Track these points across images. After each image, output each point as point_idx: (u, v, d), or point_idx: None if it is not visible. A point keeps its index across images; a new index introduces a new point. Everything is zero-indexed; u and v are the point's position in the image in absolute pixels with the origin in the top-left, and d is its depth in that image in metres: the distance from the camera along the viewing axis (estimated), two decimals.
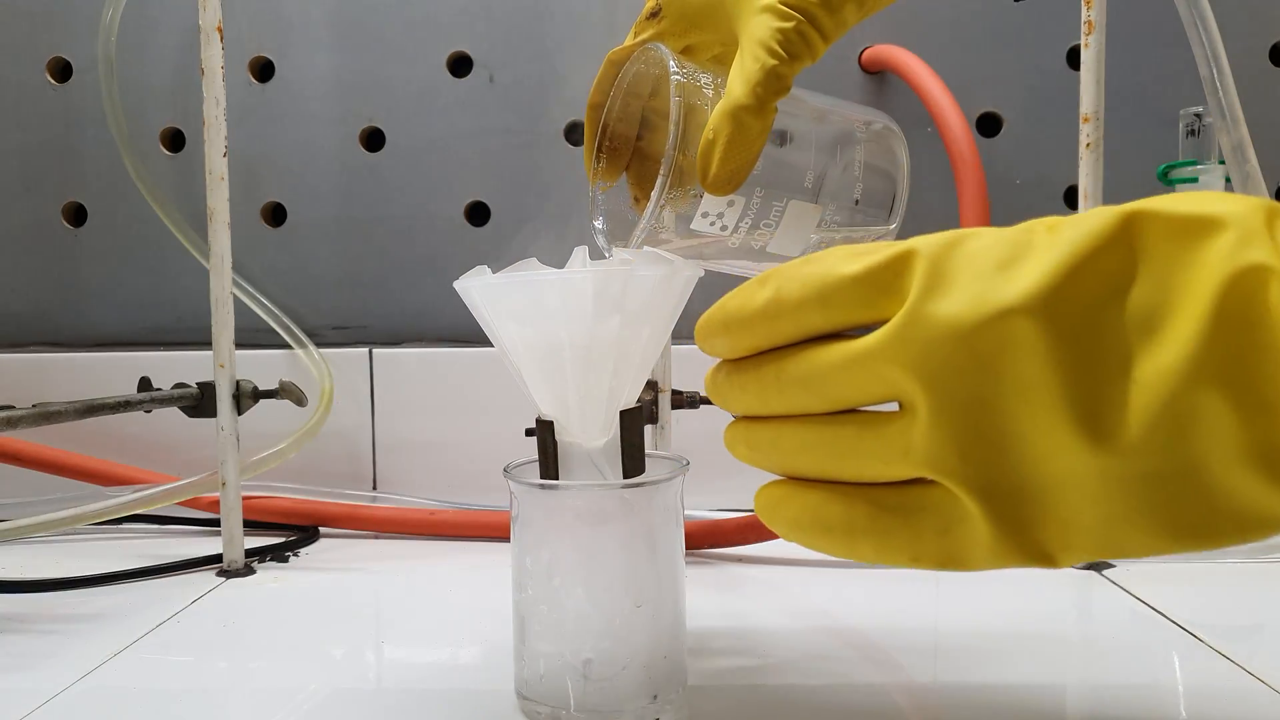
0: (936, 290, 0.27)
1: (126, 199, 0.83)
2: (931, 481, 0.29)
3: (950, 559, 0.29)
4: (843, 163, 0.43)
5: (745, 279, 0.32)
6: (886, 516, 0.29)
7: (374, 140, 0.83)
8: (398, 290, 0.84)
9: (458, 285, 0.41)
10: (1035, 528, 0.27)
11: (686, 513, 0.54)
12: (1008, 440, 0.27)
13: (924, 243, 0.28)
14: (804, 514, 0.31)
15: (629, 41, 0.45)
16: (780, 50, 0.39)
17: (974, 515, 0.28)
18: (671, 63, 0.41)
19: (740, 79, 0.39)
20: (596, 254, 0.43)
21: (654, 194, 0.39)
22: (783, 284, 0.30)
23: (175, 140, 0.85)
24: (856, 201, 0.43)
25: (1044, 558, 0.28)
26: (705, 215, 0.41)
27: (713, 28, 0.44)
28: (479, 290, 0.40)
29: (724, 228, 0.41)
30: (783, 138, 0.42)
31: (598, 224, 0.46)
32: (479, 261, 0.42)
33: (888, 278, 0.28)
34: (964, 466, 0.27)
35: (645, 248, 0.44)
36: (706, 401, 0.69)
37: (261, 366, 0.77)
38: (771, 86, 0.39)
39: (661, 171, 0.39)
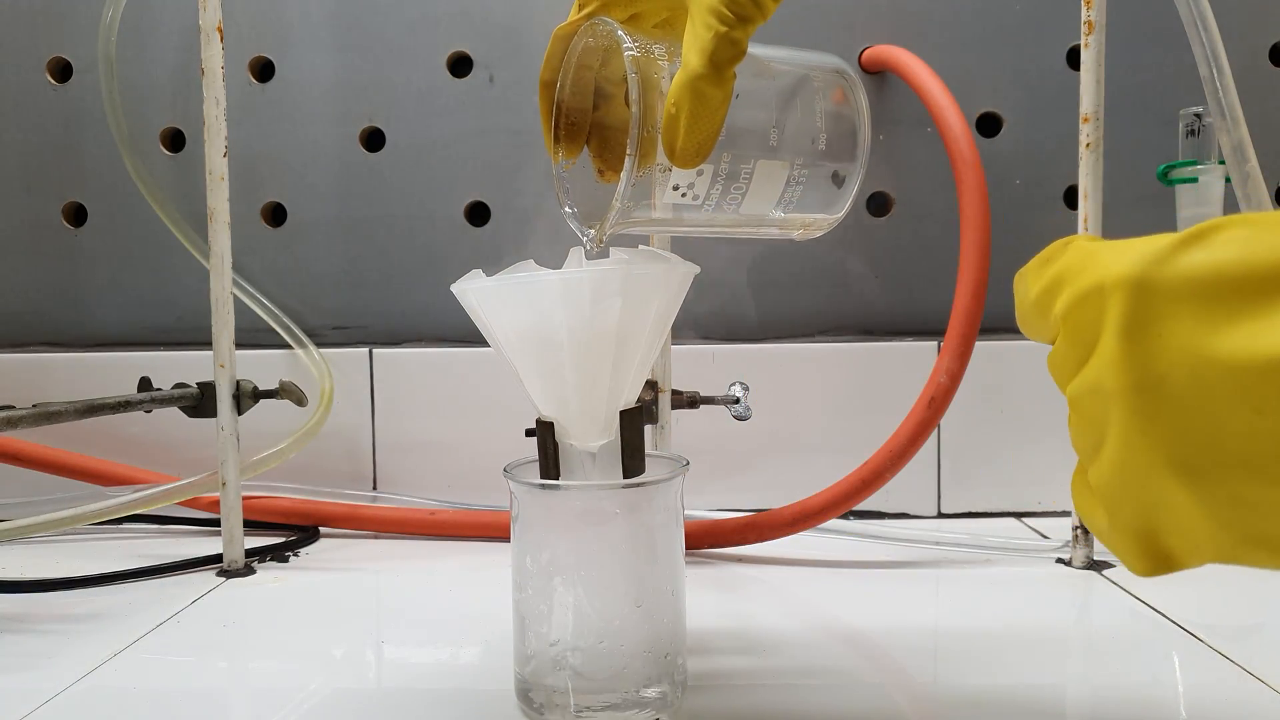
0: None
1: (126, 199, 0.83)
2: None
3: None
4: (803, 116, 0.42)
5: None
6: None
7: (374, 140, 0.83)
8: (398, 290, 0.84)
9: (455, 289, 0.41)
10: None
11: (686, 513, 0.54)
12: None
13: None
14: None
15: (573, 15, 0.45)
16: (730, 14, 0.37)
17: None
18: (623, 36, 0.40)
19: (695, 48, 0.38)
20: (593, 254, 0.43)
21: (623, 176, 0.39)
22: None
23: (175, 140, 0.85)
24: (822, 153, 0.43)
25: None
26: (676, 188, 0.41)
27: None
28: (475, 293, 0.40)
29: (695, 198, 0.41)
30: (742, 99, 0.41)
31: (568, 209, 0.45)
32: (479, 262, 0.42)
33: None
34: None
35: (642, 246, 0.44)
36: (707, 401, 0.69)
37: (261, 366, 0.77)
38: (727, 53, 0.37)
39: (628, 152, 0.38)
